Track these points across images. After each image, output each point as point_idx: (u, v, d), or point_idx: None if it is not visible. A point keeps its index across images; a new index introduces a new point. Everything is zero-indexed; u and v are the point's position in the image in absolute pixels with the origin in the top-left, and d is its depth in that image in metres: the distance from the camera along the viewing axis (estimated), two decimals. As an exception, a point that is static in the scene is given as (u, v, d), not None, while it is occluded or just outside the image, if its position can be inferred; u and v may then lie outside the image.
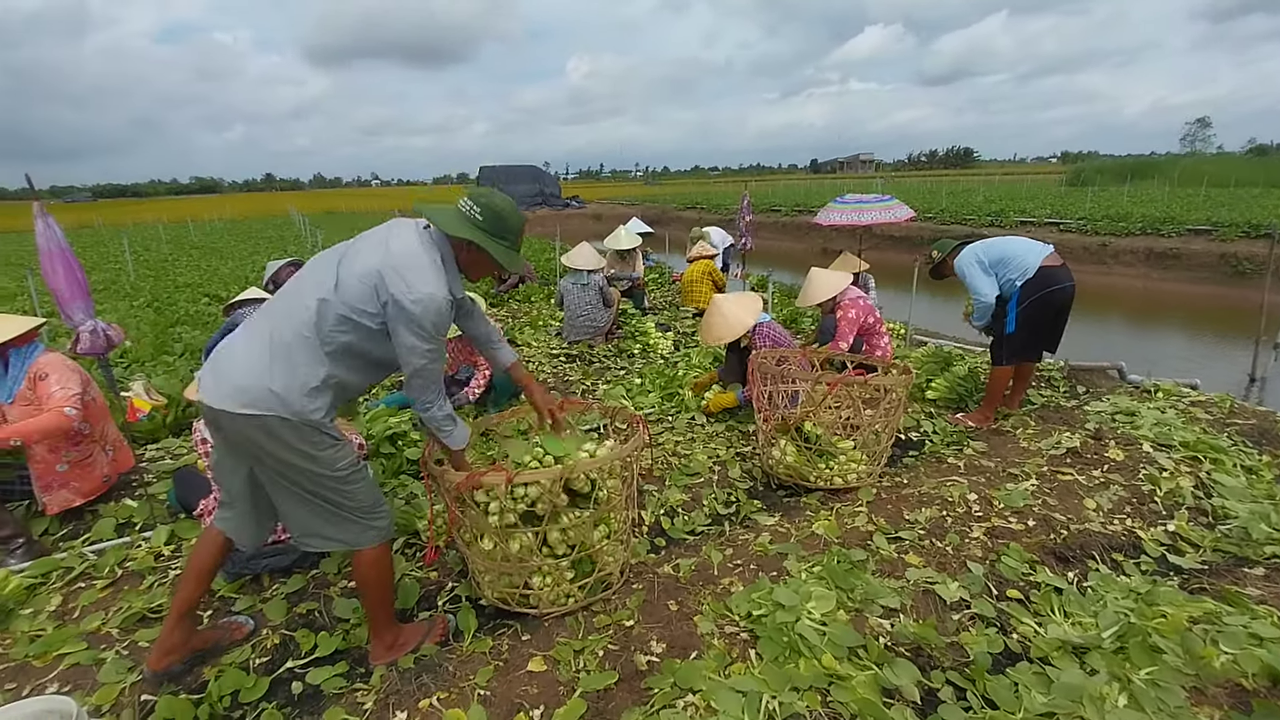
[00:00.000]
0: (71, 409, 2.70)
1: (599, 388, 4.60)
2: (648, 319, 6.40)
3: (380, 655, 2.01)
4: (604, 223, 29.40)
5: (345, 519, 1.88)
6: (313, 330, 1.74)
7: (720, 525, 2.76)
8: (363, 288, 1.74)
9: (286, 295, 1.85)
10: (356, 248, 1.84)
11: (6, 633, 2.22)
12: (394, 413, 3.62)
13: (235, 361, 1.76)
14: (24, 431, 2.62)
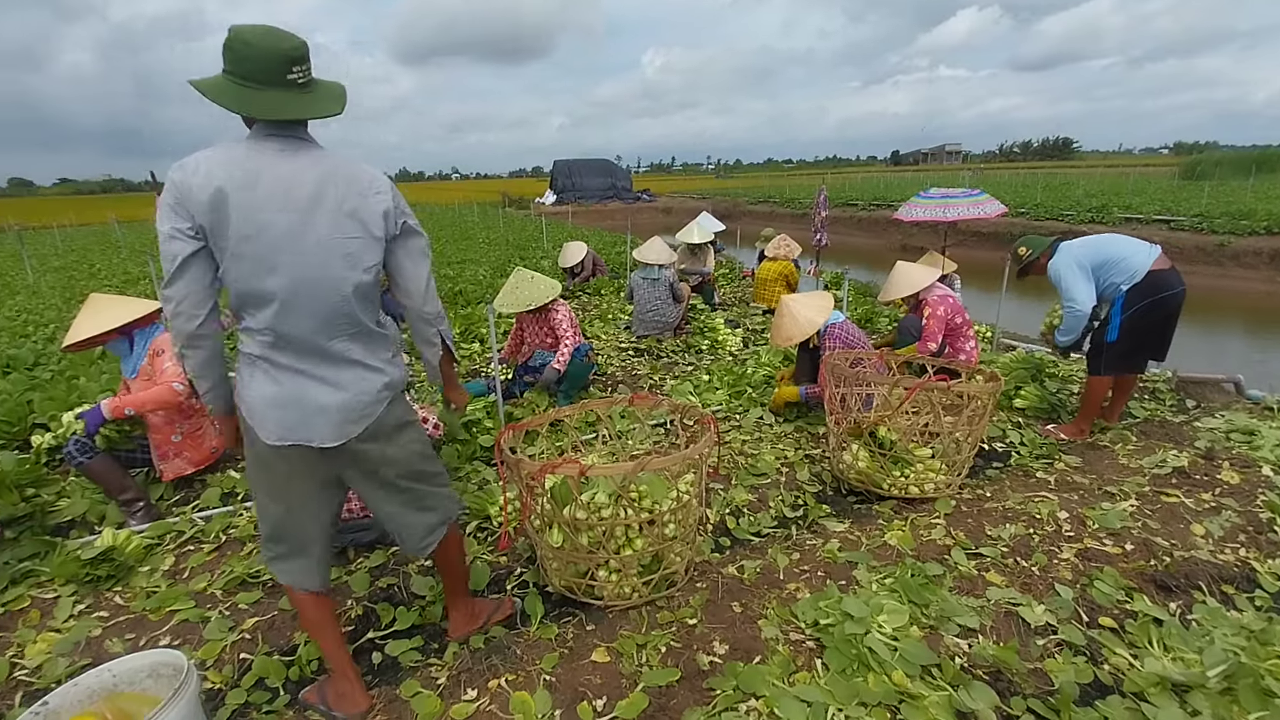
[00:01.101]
0: (179, 384, 2.95)
1: (666, 383, 4.60)
2: (717, 315, 6.34)
3: (460, 627, 2.10)
4: (674, 216, 29.32)
5: (438, 489, 1.92)
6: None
7: (787, 528, 2.72)
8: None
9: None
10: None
11: (128, 588, 2.47)
12: (471, 400, 3.76)
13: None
14: (137, 402, 2.89)
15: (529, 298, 3.89)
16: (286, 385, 1.56)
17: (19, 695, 1.96)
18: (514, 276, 4.05)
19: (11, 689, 1.98)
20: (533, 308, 3.92)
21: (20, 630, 2.23)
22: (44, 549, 2.65)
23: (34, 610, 2.33)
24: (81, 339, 2.86)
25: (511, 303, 3.92)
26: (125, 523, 2.91)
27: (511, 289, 3.98)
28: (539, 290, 3.92)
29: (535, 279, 3.98)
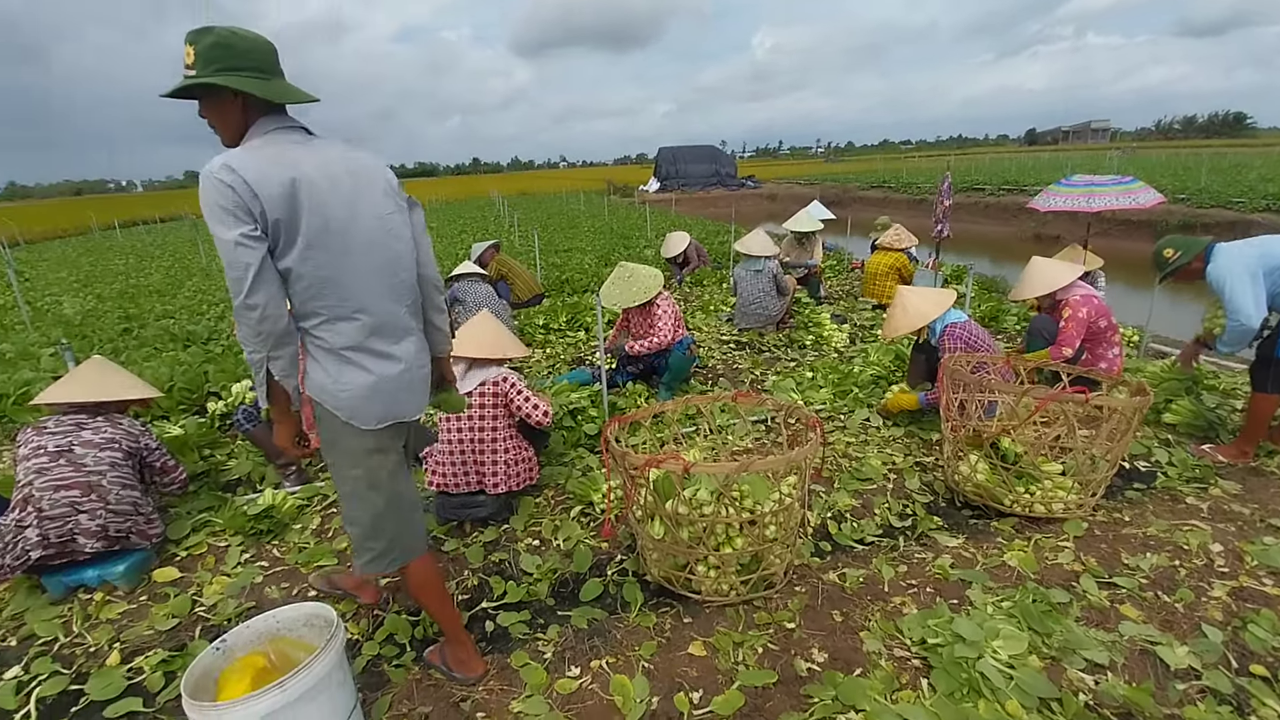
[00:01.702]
0: None
1: (768, 378, 4.54)
2: (823, 309, 6.15)
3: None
4: (779, 203, 28.53)
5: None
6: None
7: (893, 538, 2.62)
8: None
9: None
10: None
11: (283, 542, 2.81)
12: (575, 388, 3.92)
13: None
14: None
15: (634, 293, 3.96)
16: (378, 369, 1.61)
17: (198, 628, 2.30)
18: (619, 271, 4.14)
19: (192, 623, 2.34)
20: (638, 303, 3.99)
21: (199, 573, 2.61)
22: (217, 503, 3.08)
23: (210, 556, 2.72)
24: None
25: (616, 297, 4.01)
26: (280, 484, 3.30)
27: (616, 283, 4.07)
28: (643, 285, 3.98)
29: (639, 273, 4.05)
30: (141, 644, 2.23)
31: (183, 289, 9.43)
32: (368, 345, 1.60)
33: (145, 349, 5.79)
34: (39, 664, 2.12)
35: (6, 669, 2.13)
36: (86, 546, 2.38)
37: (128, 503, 2.48)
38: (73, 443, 2.44)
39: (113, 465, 2.47)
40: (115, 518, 2.43)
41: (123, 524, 2.46)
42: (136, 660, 2.14)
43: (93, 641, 2.24)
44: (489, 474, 2.77)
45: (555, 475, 3.19)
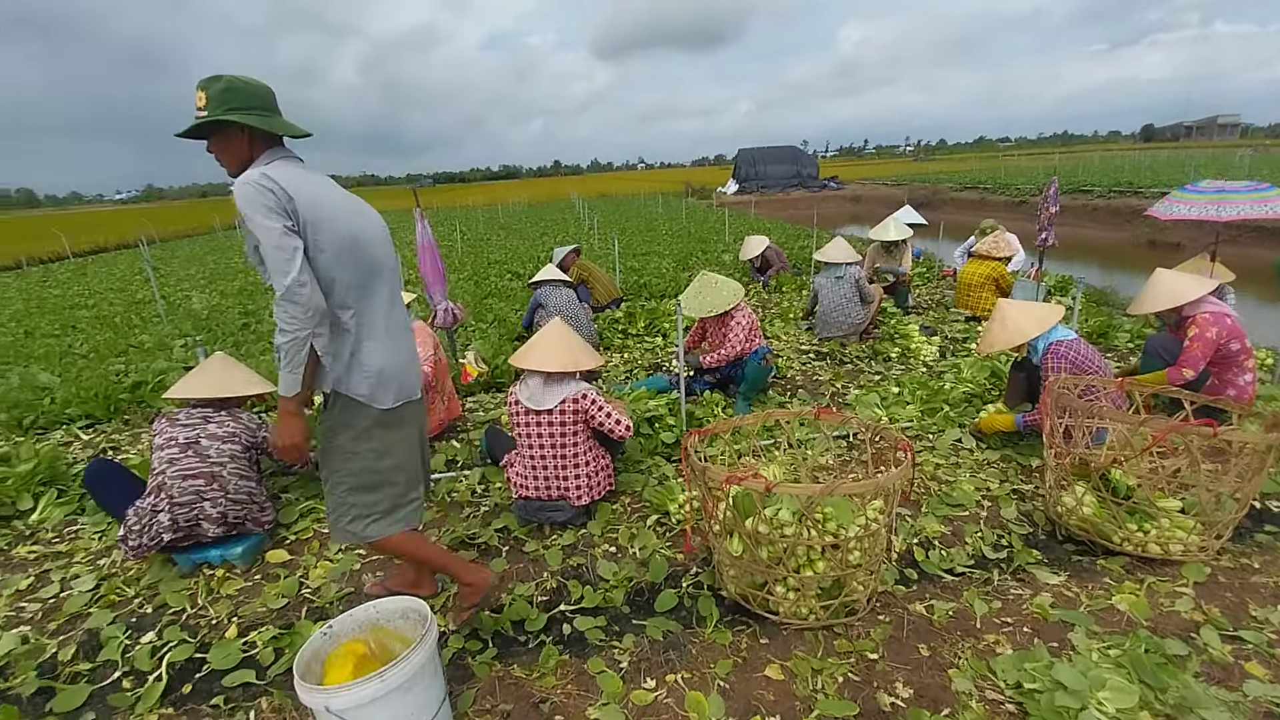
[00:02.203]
0: (426, 366, 3.49)
1: (850, 391, 4.40)
2: (910, 320, 5.90)
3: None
4: (863, 205, 27.56)
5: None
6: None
7: (986, 571, 2.48)
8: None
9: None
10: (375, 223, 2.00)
11: (379, 532, 2.99)
12: (653, 395, 3.94)
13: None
14: None
15: (713, 303, 3.95)
16: (396, 350, 1.94)
17: (304, 609, 2.49)
18: (700, 280, 4.12)
19: (299, 603, 2.53)
20: (716, 314, 3.98)
21: (305, 556, 2.82)
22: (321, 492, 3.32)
23: (315, 541, 2.94)
24: None
25: (696, 307, 4.00)
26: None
27: (696, 293, 4.06)
28: (723, 296, 3.96)
29: (720, 284, 4.03)
30: (255, 619, 2.44)
31: (292, 287, 10.21)
32: (385, 335, 1.92)
33: (261, 343, 6.33)
34: (169, 632, 2.37)
35: (144, 634, 2.39)
36: (209, 531, 2.63)
37: (244, 493, 2.72)
38: (199, 435, 2.70)
39: (232, 458, 2.71)
40: (234, 506, 2.68)
41: (240, 511, 2.70)
42: (250, 634, 2.35)
43: (214, 614, 2.47)
44: (572, 486, 2.84)
45: (632, 482, 3.23)
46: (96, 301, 10.15)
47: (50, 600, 2.63)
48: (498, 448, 3.37)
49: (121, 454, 4.14)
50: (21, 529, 3.24)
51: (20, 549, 3.04)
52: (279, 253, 1.67)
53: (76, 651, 2.32)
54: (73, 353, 6.60)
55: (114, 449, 4.26)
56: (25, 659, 2.27)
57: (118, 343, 6.85)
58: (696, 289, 4.12)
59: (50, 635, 2.41)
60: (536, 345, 2.85)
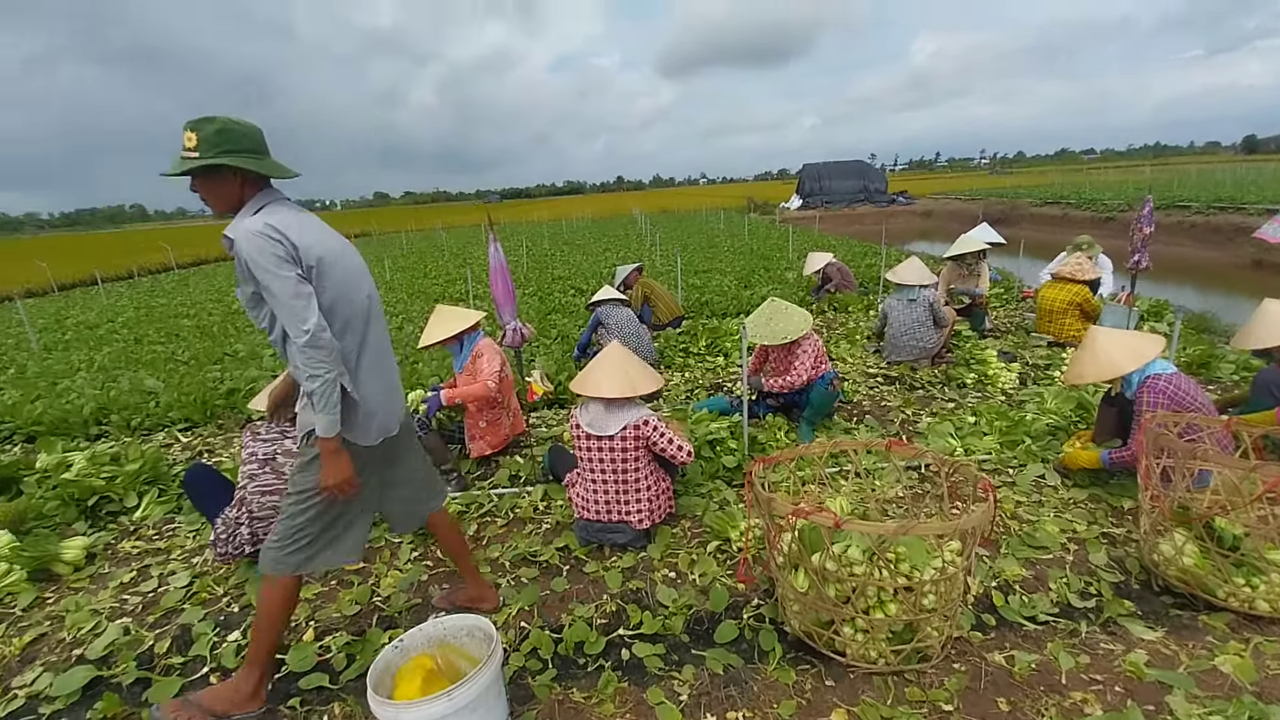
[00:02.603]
0: (492, 382, 3.60)
1: (921, 419, 4.23)
2: (988, 344, 5.63)
3: (461, 596, 2.56)
4: (934, 220, 26.64)
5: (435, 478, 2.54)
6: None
7: (1072, 620, 2.32)
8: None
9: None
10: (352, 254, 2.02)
11: (446, 545, 3.08)
12: (714, 417, 3.91)
13: None
14: (463, 394, 3.58)
15: (785, 330, 3.85)
16: (383, 387, 2.00)
17: (375, 616, 2.59)
18: (769, 307, 4.03)
19: (370, 611, 2.63)
20: (781, 343, 3.90)
21: (378, 564, 2.94)
22: (393, 501, 3.45)
23: (386, 550, 3.06)
24: (430, 343, 3.66)
25: (765, 334, 3.91)
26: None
27: (766, 320, 3.97)
28: (792, 324, 3.86)
29: (790, 311, 3.93)
30: (330, 624, 2.56)
31: (368, 300, 10.75)
32: (375, 372, 1.97)
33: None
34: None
35: (230, 631, 2.54)
36: None
37: (317, 507, 2.85)
38: (276, 451, 2.86)
39: None
40: None
41: (313, 526, 2.84)
42: (325, 639, 2.46)
43: (294, 616, 2.60)
44: (634, 511, 2.84)
45: (693, 506, 3.21)
46: (197, 311, 10.99)
47: (149, 594, 2.84)
48: (560, 466, 3.42)
49: (215, 457, 4.44)
50: (127, 525, 3.52)
51: (125, 543, 3.30)
52: (297, 301, 1.70)
53: (171, 645, 2.49)
54: (175, 359, 7.16)
55: (209, 452, 4.58)
56: (126, 649, 2.46)
57: (215, 351, 7.39)
58: (766, 316, 4.02)
59: (149, 628, 2.60)
60: (595, 371, 2.88)
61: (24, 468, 3.84)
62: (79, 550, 3.11)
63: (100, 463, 3.82)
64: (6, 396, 5.66)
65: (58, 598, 2.87)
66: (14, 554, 2.95)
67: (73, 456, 3.87)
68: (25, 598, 2.84)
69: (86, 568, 3.10)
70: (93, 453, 3.93)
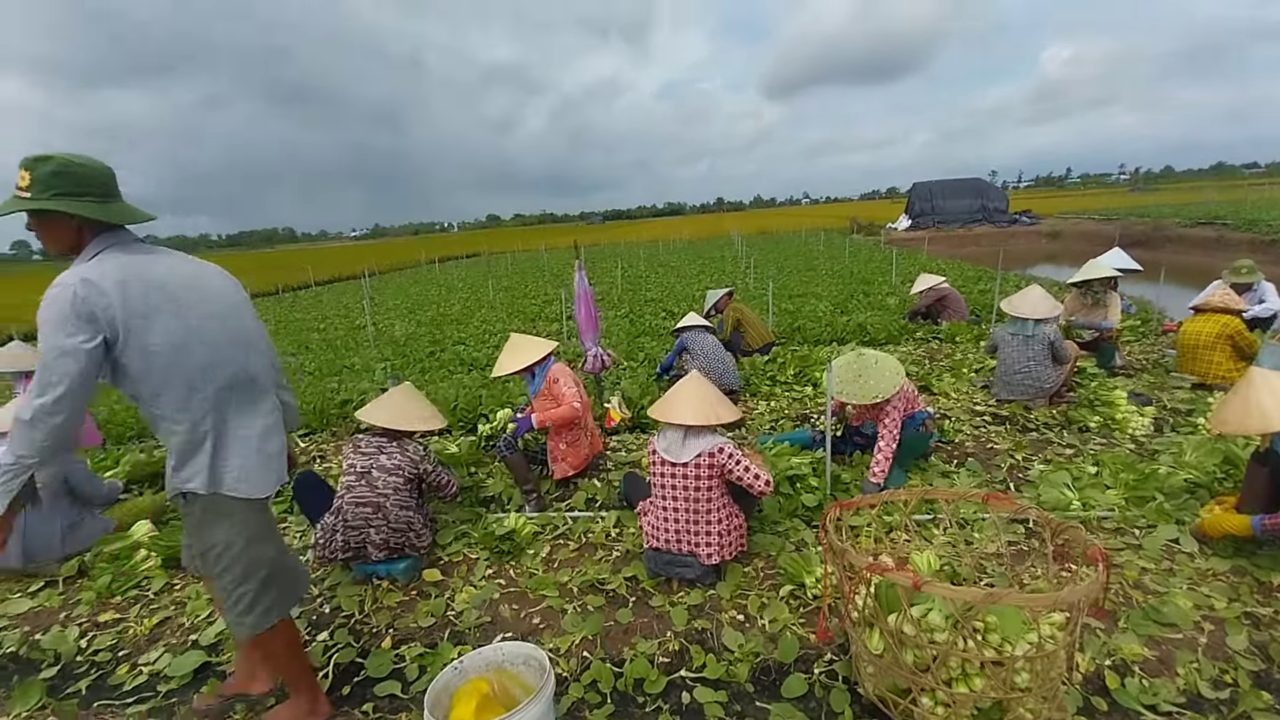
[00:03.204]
0: (577, 403, 3.68)
1: (1033, 466, 3.84)
2: (1117, 383, 5.04)
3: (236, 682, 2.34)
4: (1062, 242, 24.45)
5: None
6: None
7: (1200, 713, 1.98)
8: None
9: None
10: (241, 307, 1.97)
11: (518, 565, 3.15)
12: (796, 451, 3.75)
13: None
14: (552, 417, 3.69)
15: (872, 390, 3.49)
16: (261, 441, 1.89)
17: (447, 631, 2.68)
18: (857, 361, 3.64)
19: (443, 625, 2.73)
20: (870, 402, 3.52)
21: (454, 579, 3.05)
22: (473, 517, 3.58)
23: (464, 565, 3.17)
24: (504, 374, 3.81)
25: (852, 393, 3.55)
26: (523, 507, 3.73)
27: (853, 376, 3.59)
28: (884, 381, 3.50)
29: (879, 364, 3.56)
30: (407, 634, 2.68)
31: (474, 318, 11.38)
32: (248, 422, 1.86)
33: (442, 370, 7.09)
34: (339, 634, 2.67)
35: (320, 631, 2.72)
36: (373, 555, 2.96)
37: (403, 522, 3.00)
38: (372, 465, 3.05)
39: (395, 490, 3.02)
40: (394, 534, 2.98)
41: (399, 539, 3.00)
42: (401, 648, 2.57)
43: (375, 623, 2.75)
44: (703, 543, 2.78)
45: (767, 545, 3.08)
46: (325, 326, 12.12)
47: (258, 588, 3.11)
48: (634, 493, 3.41)
49: (326, 462, 4.83)
50: (247, 521, 3.88)
51: (243, 539, 3.64)
52: (48, 372, 1.55)
53: (270, 639, 2.70)
54: (302, 369, 7.91)
55: (321, 457, 4.99)
56: (230, 641, 2.70)
57: (335, 363, 8.09)
58: (853, 371, 3.63)
59: (254, 620, 2.84)
60: (675, 397, 2.86)
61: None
62: (205, 542, 3.47)
63: (230, 463, 4.26)
64: (165, 398, 6.48)
65: (184, 584, 3.20)
66: (152, 542, 3.34)
67: (208, 456, 4.34)
68: (157, 582, 3.20)
69: (210, 559, 3.45)
70: (224, 454, 4.40)
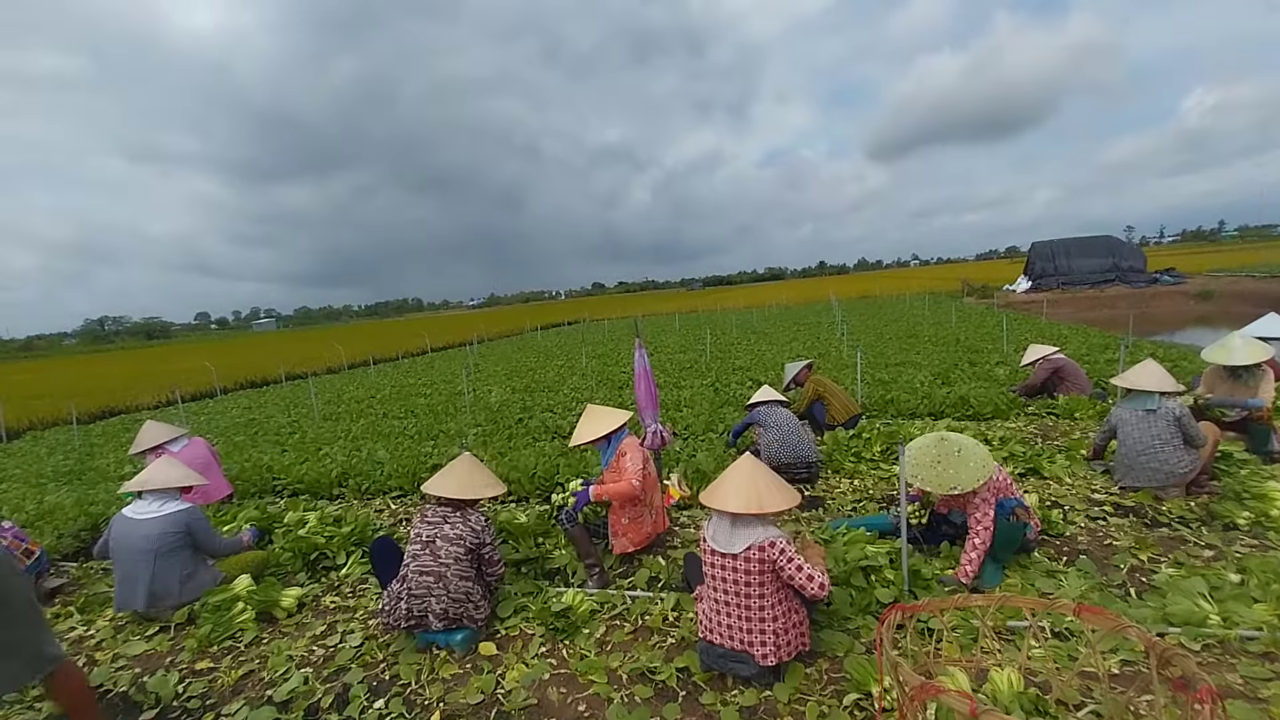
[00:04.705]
0: (636, 480, 3.66)
1: (1160, 568, 3.31)
2: (1274, 472, 4.30)
3: None
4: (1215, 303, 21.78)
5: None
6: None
7: None
8: None
9: None
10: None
11: (572, 644, 3.10)
12: (873, 539, 3.48)
13: None
14: (609, 491, 3.68)
15: (953, 479, 3.19)
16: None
17: (494, 710, 2.67)
18: (937, 446, 3.32)
19: (491, 703, 2.72)
20: (954, 493, 3.22)
21: (509, 655, 3.05)
22: (535, 590, 3.59)
23: (519, 640, 3.17)
24: (579, 443, 3.88)
25: (930, 480, 3.25)
26: (585, 582, 3.70)
27: (932, 463, 3.28)
28: (966, 471, 3.18)
29: (964, 454, 3.23)
30: (456, 709, 2.69)
31: (565, 385, 11.76)
32: None
33: (527, 437, 7.34)
34: (394, 703, 2.73)
35: (377, 699, 2.80)
36: (433, 625, 3.04)
37: (462, 592, 3.08)
38: (436, 535, 3.17)
39: (456, 560, 3.11)
40: (453, 604, 3.05)
41: (458, 609, 3.06)
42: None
43: (428, 695, 2.79)
44: (758, 641, 2.60)
45: (834, 644, 2.84)
46: (431, 391, 12.99)
47: (331, 648, 3.26)
48: (694, 575, 3.29)
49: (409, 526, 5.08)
50: (334, 579, 4.13)
51: (328, 598, 3.87)
52: None
53: (332, 702, 2.81)
54: (405, 433, 8.47)
55: (406, 519, 5.25)
56: (301, 699, 2.83)
57: (434, 428, 8.61)
58: (931, 456, 3.31)
59: (322, 680, 2.98)
60: (724, 483, 2.75)
61: (276, 521, 4.76)
62: (293, 599, 3.72)
63: (326, 522, 4.60)
64: (286, 458, 7.16)
65: (271, 638, 3.43)
66: (249, 596, 3.62)
67: (309, 515, 4.71)
68: (249, 634, 3.45)
69: (296, 615, 3.68)
70: (323, 513, 4.75)
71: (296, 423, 10.45)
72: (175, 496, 3.74)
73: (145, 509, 3.63)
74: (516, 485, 5.43)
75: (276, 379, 19.86)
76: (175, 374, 22.16)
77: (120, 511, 3.71)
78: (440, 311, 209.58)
